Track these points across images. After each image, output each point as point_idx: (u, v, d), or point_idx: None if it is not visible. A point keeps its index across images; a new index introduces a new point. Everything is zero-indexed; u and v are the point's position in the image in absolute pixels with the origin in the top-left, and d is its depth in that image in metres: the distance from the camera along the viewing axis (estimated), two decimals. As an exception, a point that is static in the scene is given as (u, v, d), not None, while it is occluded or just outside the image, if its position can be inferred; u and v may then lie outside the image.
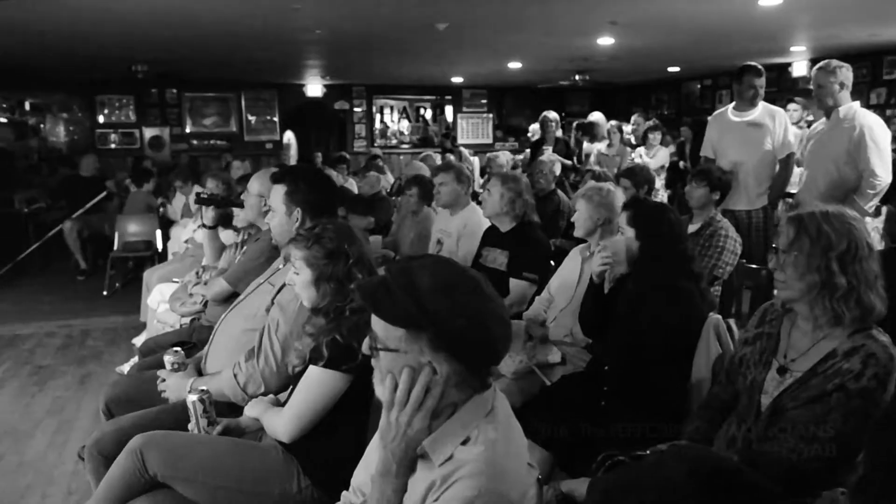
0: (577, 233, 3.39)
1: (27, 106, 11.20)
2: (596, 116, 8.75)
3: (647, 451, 1.92)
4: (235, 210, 4.00)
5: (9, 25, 6.15)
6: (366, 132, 13.04)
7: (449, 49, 8.35)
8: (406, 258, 1.43)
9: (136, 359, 3.87)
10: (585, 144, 8.53)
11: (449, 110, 13.53)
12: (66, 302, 6.88)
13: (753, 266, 3.79)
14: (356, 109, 12.94)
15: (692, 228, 4.02)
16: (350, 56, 9.11)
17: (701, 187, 4.03)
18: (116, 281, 7.36)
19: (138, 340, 4.80)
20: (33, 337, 5.75)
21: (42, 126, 11.26)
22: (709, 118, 5.26)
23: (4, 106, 11.01)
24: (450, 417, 1.30)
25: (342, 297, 2.11)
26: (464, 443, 1.27)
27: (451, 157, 8.60)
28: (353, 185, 8.34)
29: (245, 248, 3.64)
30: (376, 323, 1.29)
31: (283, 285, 2.48)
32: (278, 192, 2.81)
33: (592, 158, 7.87)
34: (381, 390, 1.31)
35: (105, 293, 7.11)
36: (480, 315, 1.26)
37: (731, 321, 2.65)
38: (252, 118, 12.29)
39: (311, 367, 2.08)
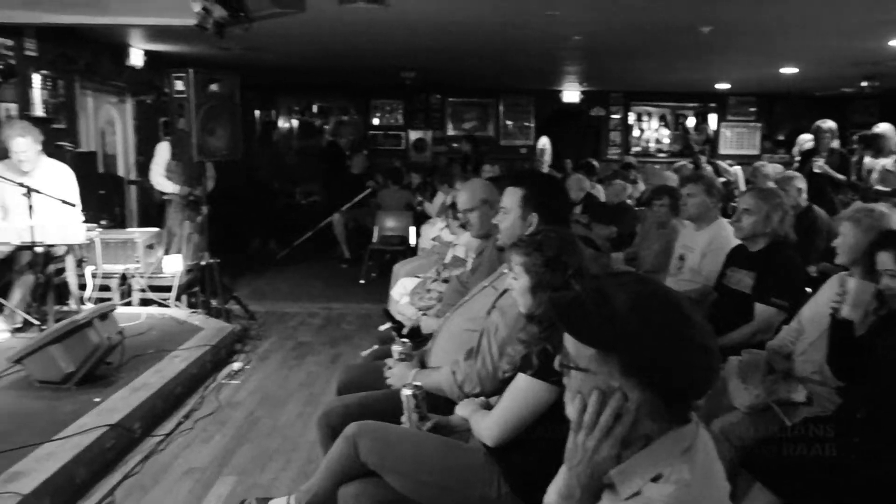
0: (840, 259, 2.99)
1: (314, 109, 12.62)
2: (883, 128, 7.64)
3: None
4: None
5: (300, 38, 6.95)
6: (621, 139, 12.77)
7: (714, 53, 7.88)
8: (606, 274, 1.35)
9: (376, 345, 4.15)
10: (868, 159, 7.50)
11: (713, 118, 12.76)
12: (329, 287, 7.63)
13: None
14: (612, 116, 12.74)
15: None
16: (608, 62, 8.98)
17: None
18: (373, 271, 7.99)
19: (383, 328, 5.14)
20: (298, 315, 6.44)
21: (326, 127, 12.60)
22: None
23: (297, 108, 12.51)
24: (642, 449, 1.20)
25: (557, 308, 2.06)
26: (654, 479, 1.17)
27: (708, 168, 8.13)
28: (600, 192, 8.21)
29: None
30: (568, 340, 1.23)
31: (506, 290, 2.50)
32: (515, 195, 2.83)
33: (874, 175, 6.92)
34: (570, 410, 1.24)
35: (362, 281, 7.76)
36: (679, 343, 1.15)
37: None
38: (509, 123, 12.62)
39: (520, 375, 2.07)
